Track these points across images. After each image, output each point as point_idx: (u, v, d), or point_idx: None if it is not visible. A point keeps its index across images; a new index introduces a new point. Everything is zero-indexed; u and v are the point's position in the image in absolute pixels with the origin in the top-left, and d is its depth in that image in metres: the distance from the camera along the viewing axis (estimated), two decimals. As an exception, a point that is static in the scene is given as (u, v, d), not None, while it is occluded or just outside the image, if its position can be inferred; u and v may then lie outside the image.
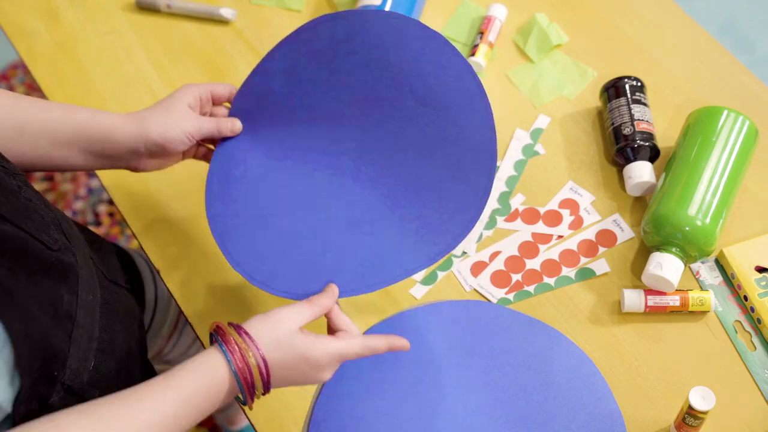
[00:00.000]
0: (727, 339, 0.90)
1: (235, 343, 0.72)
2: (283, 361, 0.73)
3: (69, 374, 0.72)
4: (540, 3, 1.12)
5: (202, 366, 0.71)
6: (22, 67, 2.01)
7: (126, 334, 0.84)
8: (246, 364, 0.71)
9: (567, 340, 0.89)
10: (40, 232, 0.71)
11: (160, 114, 0.83)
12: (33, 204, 0.73)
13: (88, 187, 1.87)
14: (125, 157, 0.85)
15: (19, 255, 0.67)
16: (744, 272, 0.91)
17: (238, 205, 0.86)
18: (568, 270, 0.94)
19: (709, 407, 0.79)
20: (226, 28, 1.12)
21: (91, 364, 0.75)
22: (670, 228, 0.89)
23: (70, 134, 0.83)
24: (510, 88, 1.06)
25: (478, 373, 0.88)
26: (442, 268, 0.95)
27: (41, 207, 0.75)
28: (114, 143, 0.83)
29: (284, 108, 0.89)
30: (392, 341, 0.78)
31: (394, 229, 0.84)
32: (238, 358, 0.71)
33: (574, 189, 0.99)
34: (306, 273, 0.83)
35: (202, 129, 0.85)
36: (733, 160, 0.92)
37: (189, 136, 0.84)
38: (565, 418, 0.85)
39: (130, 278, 1.04)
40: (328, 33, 0.87)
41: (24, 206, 0.71)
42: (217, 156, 0.88)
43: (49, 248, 0.71)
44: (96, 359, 0.76)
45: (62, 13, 1.13)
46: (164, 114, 0.83)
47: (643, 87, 1.00)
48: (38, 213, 0.73)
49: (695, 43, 1.08)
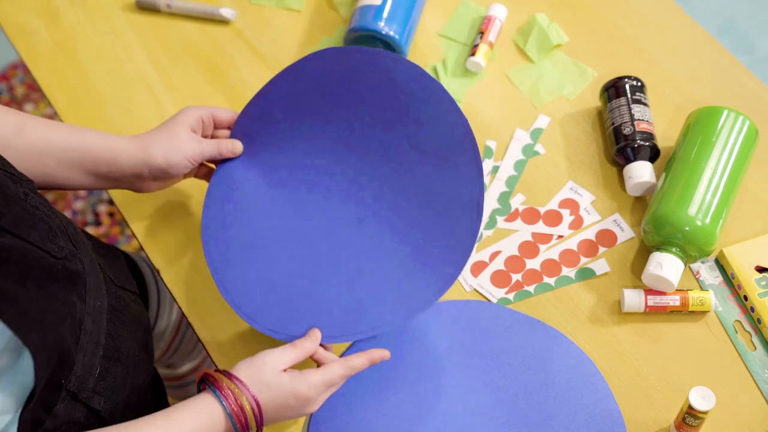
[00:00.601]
0: (727, 339, 0.90)
1: (228, 388, 0.75)
2: (274, 400, 0.76)
3: (74, 381, 0.72)
4: (540, 3, 1.12)
5: (199, 406, 0.73)
6: (22, 67, 2.01)
7: (133, 341, 0.84)
8: (240, 407, 0.74)
9: (567, 340, 0.89)
10: (45, 240, 0.71)
11: (163, 139, 0.85)
12: (39, 212, 0.73)
13: (88, 187, 1.87)
14: (129, 180, 0.87)
15: (25, 266, 0.67)
16: (744, 272, 0.91)
17: (231, 232, 0.88)
18: (568, 270, 0.94)
19: (709, 407, 0.79)
20: (226, 28, 1.12)
21: (96, 371, 0.75)
22: (670, 228, 0.89)
23: (76, 155, 0.85)
24: (510, 88, 1.06)
25: (478, 373, 0.88)
26: (442, 268, 0.95)
27: (47, 214, 0.75)
28: (118, 167, 0.85)
29: (284, 136, 0.90)
30: (372, 356, 0.81)
31: (378, 278, 0.84)
32: (232, 402, 0.74)
33: (574, 189, 0.99)
34: (292, 312, 0.84)
35: (204, 153, 0.87)
36: (733, 160, 0.92)
37: (191, 160, 0.86)
38: (565, 418, 0.85)
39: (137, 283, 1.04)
40: (335, 66, 0.88)
41: (29, 215, 0.71)
42: (216, 177, 0.90)
43: (55, 256, 0.71)
44: (101, 366, 0.76)
45: (62, 13, 1.13)
46: (167, 139, 0.85)
47: (643, 87, 1.00)
48: (44, 221, 0.73)
49: (695, 43, 1.08)
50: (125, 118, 1.05)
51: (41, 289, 0.68)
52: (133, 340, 0.85)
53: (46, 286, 0.69)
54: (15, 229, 0.67)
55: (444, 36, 1.10)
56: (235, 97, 1.06)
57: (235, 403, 0.74)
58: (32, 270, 0.68)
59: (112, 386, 0.78)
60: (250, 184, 0.89)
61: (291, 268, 0.86)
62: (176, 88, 1.07)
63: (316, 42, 1.10)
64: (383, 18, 1.02)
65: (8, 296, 0.63)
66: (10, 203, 0.69)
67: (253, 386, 0.75)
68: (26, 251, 0.68)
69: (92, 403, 0.74)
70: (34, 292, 0.67)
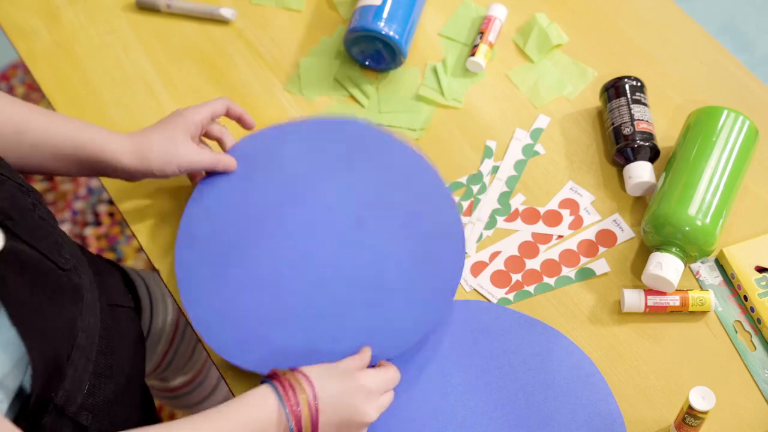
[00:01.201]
0: (727, 339, 0.90)
1: (286, 378, 0.73)
2: (331, 384, 0.74)
3: (62, 395, 0.71)
4: (540, 3, 1.12)
5: (254, 399, 0.72)
6: (22, 67, 2.01)
7: (124, 357, 0.84)
8: (294, 392, 0.72)
9: (567, 341, 0.89)
10: (53, 252, 0.71)
11: (161, 147, 0.87)
12: (46, 223, 0.73)
13: (88, 187, 1.87)
14: (120, 176, 0.89)
15: (37, 275, 0.67)
16: (744, 272, 0.91)
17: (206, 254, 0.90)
18: (568, 270, 0.94)
19: (709, 407, 0.79)
20: (226, 28, 1.12)
21: (85, 387, 0.74)
22: (670, 228, 0.89)
23: (71, 151, 0.86)
24: (510, 88, 1.06)
25: (479, 373, 0.88)
26: (442, 268, 0.95)
27: (53, 225, 0.75)
28: (112, 168, 0.87)
29: (284, 172, 0.93)
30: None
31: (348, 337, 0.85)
32: (287, 388, 0.72)
33: (574, 189, 0.99)
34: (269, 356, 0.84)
35: (200, 165, 0.90)
36: (733, 160, 0.92)
37: (185, 170, 0.89)
38: (565, 418, 0.85)
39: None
40: (344, 132, 0.96)
41: (37, 225, 0.71)
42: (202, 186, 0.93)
43: (62, 268, 0.71)
44: (91, 383, 0.75)
45: (62, 13, 1.13)
46: (165, 147, 0.87)
47: (643, 87, 1.00)
48: (51, 232, 0.73)
49: (695, 43, 1.08)
50: (125, 118, 1.05)
51: (50, 301, 0.68)
52: (125, 356, 0.84)
53: (54, 298, 0.69)
54: (29, 238, 0.67)
55: (444, 36, 1.10)
56: (235, 97, 1.06)
57: (290, 388, 0.72)
58: (43, 279, 0.68)
59: (102, 403, 0.77)
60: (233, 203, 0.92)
61: (263, 308, 0.86)
62: (176, 88, 1.07)
63: (316, 42, 1.10)
64: (383, 18, 1.02)
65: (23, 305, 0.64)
66: (22, 213, 0.69)
67: (312, 372, 0.74)
68: (39, 260, 0.68)
69: (80, 419, 0.73)
70: (44, 302, 0.67)
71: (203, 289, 0.87)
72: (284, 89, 1.07)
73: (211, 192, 0.93)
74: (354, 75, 1.07)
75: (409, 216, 0.90)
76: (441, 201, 0.92)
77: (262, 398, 0.72)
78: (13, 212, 0.67)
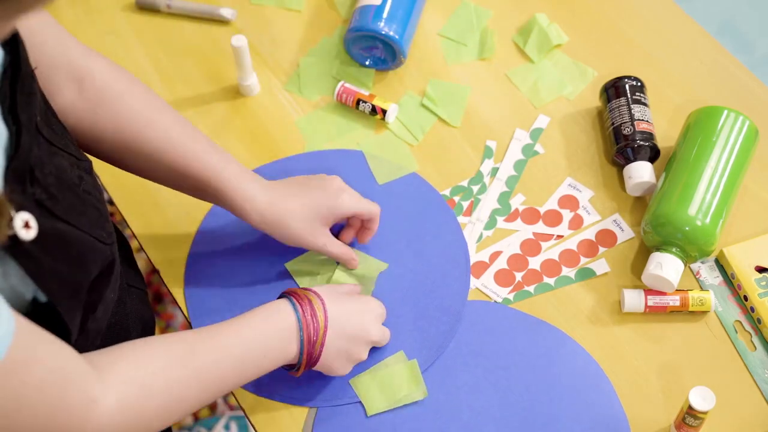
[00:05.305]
0: (727, 339, 0.90)
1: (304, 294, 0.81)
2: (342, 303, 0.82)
3: None
4: (540, 3, 1.12)
5: (275, 311, 0.79)
6: (22, 67, 2.01)
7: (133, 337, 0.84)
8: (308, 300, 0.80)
9: (573, 342, 0.89)
10: (95, 227, 0.71)
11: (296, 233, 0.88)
12: (90, 196, 0.72)
13: (88, 187, 1.87)
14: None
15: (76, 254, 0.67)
16: (744, 272, 0.91)
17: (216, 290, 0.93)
18: (568, 270, 0.94)
19: (709, 407, 0.79)
20: (226, 28, 1.12)
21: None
22: (670, 228, 0.89)
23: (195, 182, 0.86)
24: (510, 88, 1.06)
25: (484, 373, 0.88)
26: (442, 268, 0.95)
27: (98, 198, 0.74)
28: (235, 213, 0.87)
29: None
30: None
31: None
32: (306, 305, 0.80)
33: (572, 185, 0.99)
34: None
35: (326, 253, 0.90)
36: (733, 160, 0.92)
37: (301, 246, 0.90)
38: (570, 419, 0.85)
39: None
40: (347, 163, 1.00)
41: (81, 201, 0.70)
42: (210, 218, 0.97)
43: (103, 242, 0.72)
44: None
45: (62, 13, 1.13)
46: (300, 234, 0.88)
47: (643, 87, 1.00)
48: (94, 206, 0.72)
49: (695, 43, 1.08)
50: (125, 118, 1.05)
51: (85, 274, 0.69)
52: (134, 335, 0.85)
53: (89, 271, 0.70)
54: (69, 217, 0.67)
55: (444, 36, 1.10)
56: (236, 97, 1.06)
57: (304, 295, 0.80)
58: (82, 258, 0.68)
59: None
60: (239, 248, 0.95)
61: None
62: (176, 88, 1.07)
63: (316, 42, 1.10)
64: (383, 18, 1.02)
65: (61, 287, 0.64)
66: (64, 190, 0.69)
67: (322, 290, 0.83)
68: (77, 237, 0.68)
69: None
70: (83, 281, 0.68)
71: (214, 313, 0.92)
72: (284, 89, 1.07)
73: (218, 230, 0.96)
74: (354, 75, 1.07)
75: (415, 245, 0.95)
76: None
77: (283, 310, 0.79)
78: (57, 189, 0.67)
